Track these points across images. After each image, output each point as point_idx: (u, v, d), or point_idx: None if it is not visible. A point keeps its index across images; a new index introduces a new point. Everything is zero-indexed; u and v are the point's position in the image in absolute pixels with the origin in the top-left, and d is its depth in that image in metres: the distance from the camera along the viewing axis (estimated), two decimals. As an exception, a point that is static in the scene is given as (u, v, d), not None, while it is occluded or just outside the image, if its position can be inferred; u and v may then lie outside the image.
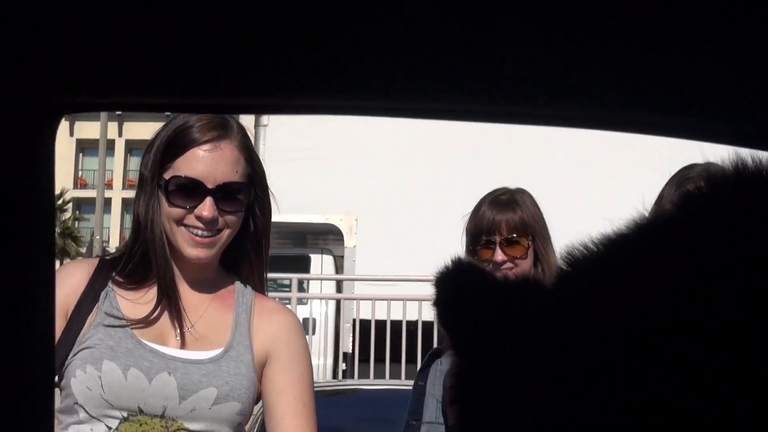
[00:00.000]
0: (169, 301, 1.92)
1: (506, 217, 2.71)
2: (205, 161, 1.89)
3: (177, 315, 1.94)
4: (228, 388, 1.89)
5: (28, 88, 0.62)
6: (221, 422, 1.90)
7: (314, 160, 7.92)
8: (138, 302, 1.95)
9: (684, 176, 2.38)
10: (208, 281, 2.01)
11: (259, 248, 2.02)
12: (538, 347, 0.48)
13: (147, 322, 1.92)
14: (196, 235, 1.90)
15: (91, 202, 39.21)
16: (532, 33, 0.58)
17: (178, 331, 1.94)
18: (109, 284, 1.96)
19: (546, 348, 0.47)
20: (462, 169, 8.55)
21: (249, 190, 1.95)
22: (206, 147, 1.89)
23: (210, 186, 1.89)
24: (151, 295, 1.96)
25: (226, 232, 1.94)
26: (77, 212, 44.20)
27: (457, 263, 0.56)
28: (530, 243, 2.71)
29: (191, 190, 1.89)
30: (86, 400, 1.85)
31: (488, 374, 0.51)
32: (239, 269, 2.04)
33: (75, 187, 45.21)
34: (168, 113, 1.93)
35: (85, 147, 46.17)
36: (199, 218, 1.88)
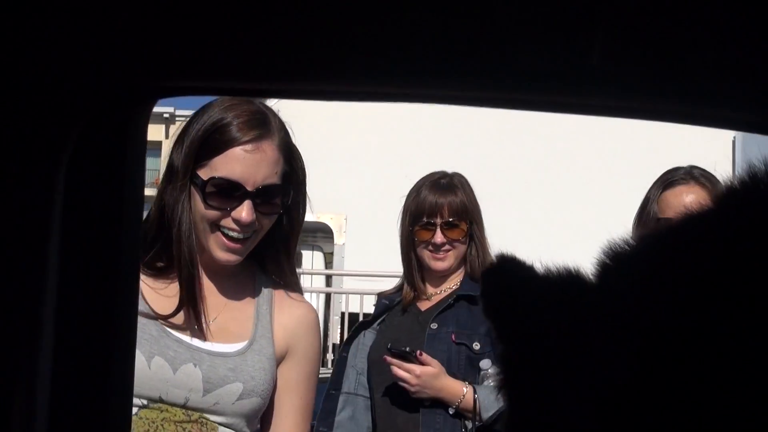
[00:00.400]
0: (194, 303, 1.83)
1: (448, 200, 2.78)
2: (246, 162, 1.79)
3: (201, 310, 1.86)
4: (253, 383, 1.84)
5: (126, 72, 0.67)
6: (241, 416, 1.85)
7: (306, 162, 7.94)
8: (161, 292, 1.86)
9: (668, 179, 2.46)
10: (229, 270, 1.91)
11: (288, 245, 1.94)
12: (587, 338, 0.49)
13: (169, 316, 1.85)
14: (230, 238, 1.81)
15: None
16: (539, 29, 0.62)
17: (202, 322, 1.86)
18: None
19: (596, 338, 0.48)
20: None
21: (287, 191, 1.87)
22: (247, 147, 1.79)
23: (250, 188, 1.79)
24: (174, 289, 1.86)
25: (259, 234, 1.86)
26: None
27: (502, 258, 0.58)
28: (468, 227, 2.78)
29: (230, 192, 1.79)
30: None
31: (536, 364, 0.52)
32: (262, 258, 1.95)
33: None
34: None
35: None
36: (236, 221, 1.79)
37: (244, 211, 1.78)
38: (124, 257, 0.71)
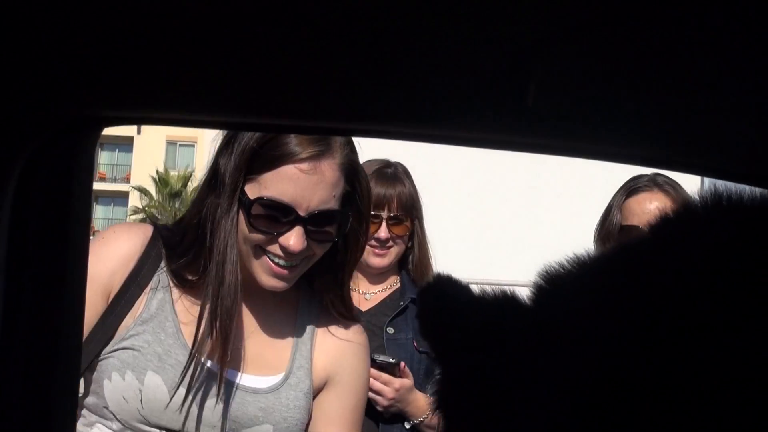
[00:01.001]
0: (225, 337, 1.57)
1: (397, 191, 2.53)
2: (301, 184, 1.54)
3: (231, 342, 1.60)
4: (285, 425, 1.64)
5: (74, 103, 0.71)
6: None
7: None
8: (191, 311, 1.63)
9: (631, 186, 2.48)
10: (272, 292, 1.67)
11: (342, 272, 1.71)
12: (526, 361, 0.50)
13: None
14: (277, 264, 1.59)
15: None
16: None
17: (236, 351, 1.63)
18: (162, 266, 1.65)
19: (535, 361, 0.49)
20: (433, 177, 8.62)
21: (345, 217, 1.62)
22: (304, 166, 1.54)
23: (302, 213, 1.55)
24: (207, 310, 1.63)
25: (311, 261, 1.64)
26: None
27: (438, 278, 0.59)
28: (412, 223, 2.57)
29: (279, 216, 1.56)
30: (119, 411, 1.57)
31: (473, 384, 0.53)
32: (310, 279, 1.72)
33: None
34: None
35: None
36: (283, 248, 1.57)
37: (293, 239, 1.56)
38: (70, 274, 0.75)
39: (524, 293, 0.56)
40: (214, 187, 1.59)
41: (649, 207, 2.35)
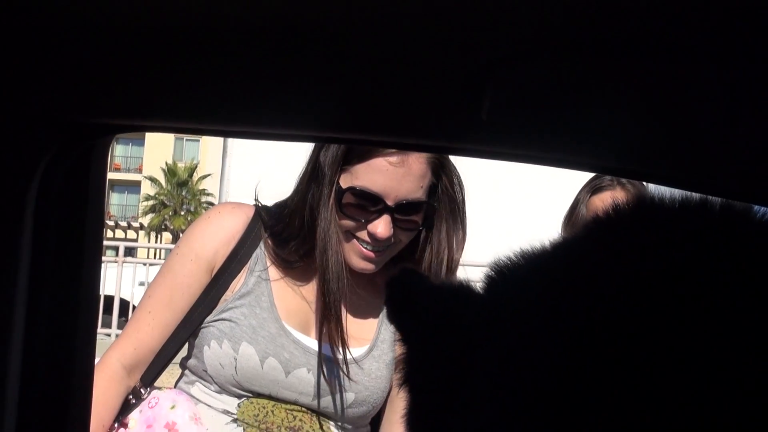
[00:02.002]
0: (332, 318, 1.71)
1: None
2: (389, 175, 1.65)
3: (333, 319, 1.73)
4: (366, 393, 1.77)
5: (85, 114, 0.80)
6: (350, 422, 1.79)
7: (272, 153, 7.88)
8: (292, 291, 1.78)
9: (596, 184, 2.58)
10: (360, 273, 1.78)
11: (436, 266, 1.76)
12: (476, 344, 0.53)
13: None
14: (366, 248, 1.71)
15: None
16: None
17: (326, 324, 1.74)
18: (261, 245, 1.79)
19: (485, 345, 0.52)
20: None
21: (431, 207, 1.72)
22: (393, 159, 1.65)
23: (390, 203, 1.66)
24: (308, 292, 1.79)
25: (398, 246, 1.74)
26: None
27: (404, 270, 0.64)
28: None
29: (368, 205, 1.67)
30: (216, 375, 1.73)
31: (431, 364, 0.58)
32: (410, 256, 1.80)
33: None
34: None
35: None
36: (371, 235, 1.68)
37: (380, 226, 1.67)
38: (86, 269, 0.84)
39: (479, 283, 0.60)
40: (315, 178, 1.70)
41: None
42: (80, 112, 0.80)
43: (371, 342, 1.80)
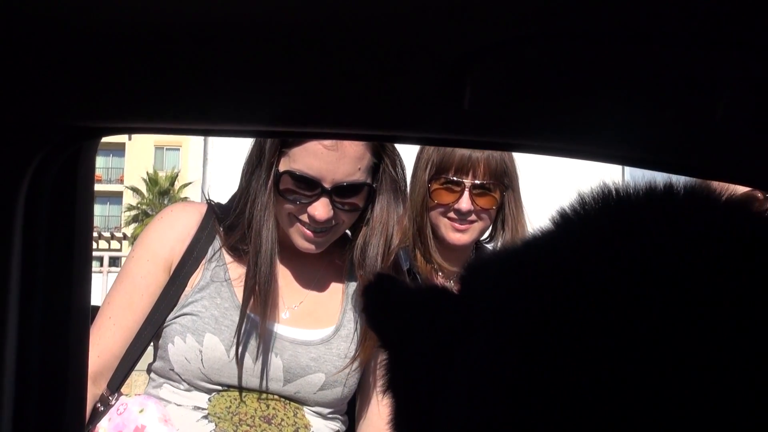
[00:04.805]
0: (267, 293, 1.72)
1: (485, 154, 1.98)
2: (324, 159, 1.65)
3: (279, 298, 1.76)
4: (339, 375, 1.76)
5: (73, 116, 0.81)
6: (324, 405, 1.78)
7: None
8: (245, 276, 1.76)
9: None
10: (321, 255, 1.80)
11: (383, 242, 1.77)
12: (454, 344, 0.53)
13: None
14: (309, 230, 1.72)
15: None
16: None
17: (287, 307, 1.78)
18: (217, 239, 1.79)
19: (462, 344, 0.52)
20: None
21: (371, 188, 1.73)
22: (327, 143, 1.64)
23: (327, 186, 1.67)
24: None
25: (341, 227, 1.75)
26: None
27: (379, 276, 0.66)
28: (501, 194, 2.07)
29: (305, 188, 1.68)
30: (184, 371, 1.72)
31: (412, 367, 0.58)
32: (355, 235, 1.81)
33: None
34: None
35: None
36: (311, 217, 1.69)
37: (318, 209, 1.68)
38: (77, 267, 0.85)
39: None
40: (258, 163, 1.71)
41: None
42: (68, 115, 0.81)
43: (337, 322, 1.81)
